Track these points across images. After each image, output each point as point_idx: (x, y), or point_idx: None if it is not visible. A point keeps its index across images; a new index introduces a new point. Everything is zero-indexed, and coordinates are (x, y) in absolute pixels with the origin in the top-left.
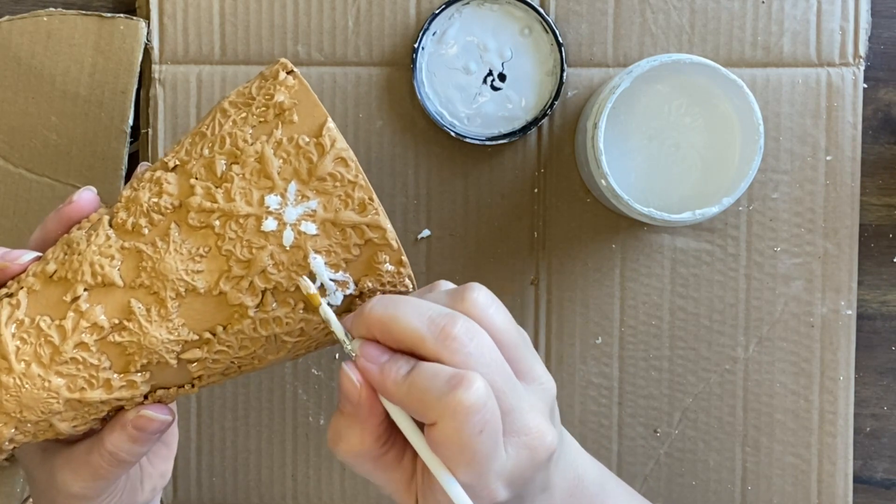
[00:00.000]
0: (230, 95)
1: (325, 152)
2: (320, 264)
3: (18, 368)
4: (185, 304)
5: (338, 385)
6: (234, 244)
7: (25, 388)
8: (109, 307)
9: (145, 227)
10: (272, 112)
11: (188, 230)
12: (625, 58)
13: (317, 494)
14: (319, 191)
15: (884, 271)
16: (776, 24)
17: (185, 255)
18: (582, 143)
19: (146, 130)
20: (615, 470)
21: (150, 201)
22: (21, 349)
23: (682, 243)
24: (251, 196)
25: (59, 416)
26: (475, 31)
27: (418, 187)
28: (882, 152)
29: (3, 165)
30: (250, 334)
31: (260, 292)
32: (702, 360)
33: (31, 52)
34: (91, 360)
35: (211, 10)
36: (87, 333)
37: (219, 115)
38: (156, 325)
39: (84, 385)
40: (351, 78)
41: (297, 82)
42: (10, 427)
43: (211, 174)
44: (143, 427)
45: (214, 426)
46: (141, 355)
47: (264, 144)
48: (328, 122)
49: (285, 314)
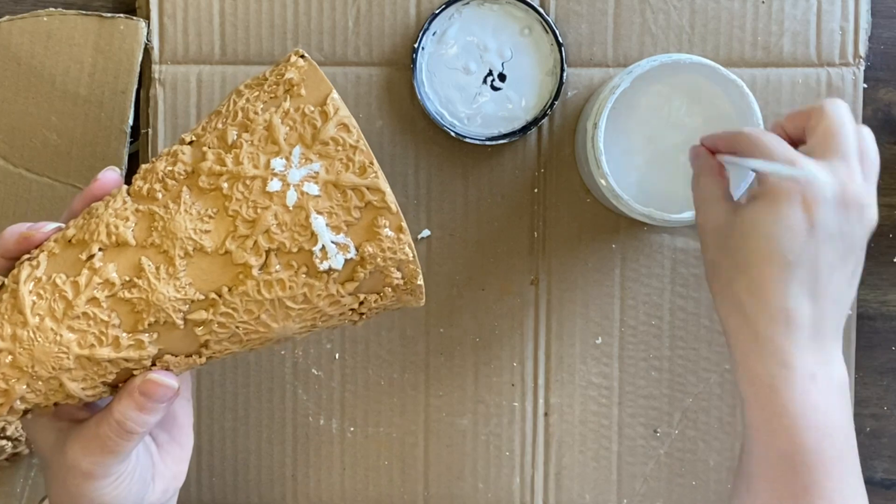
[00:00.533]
0: (247, 80)
1: (328, 118)
2: (321, 224)
3: (33, 322)
4: (193, 264)
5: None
6: (240, 204)
7: (38, 342)
8: (122, 265)
9: (159, 191)
10: (282, 88)
11: (198, 192)
12: (625, 58)
13: (317, 494)
14: (322, 154)
15: (884, 271)
16: (776, 24)
17: (195, 216)
18: (582, 143)
19: (146, 130)
20: (615, 470)
21: (166, 169)
22: (36, 304)
23: (682, 243)
24: (258, 160)
25: (69, 373)
26: (475, 31)
27: (418, 187)
28: (882, 152)
29: (3, 165)
30: (254, 296)
31: (264, 252)
32: (702, 360)
33: (31, 52)
34: (101, 315)
35: (211, 10)
36: (99, 289)
37: (234, 96)
38: (164, 282)
39: (93, 341)
40: (351, 78)
41: (306, 63)
42: (22, 383)
43: (222, 142)
44: (149, 392)
45: (214, 426)
46: (149, 313)
47: (272, 114)
48: (333, 93)
49: (288, 277)
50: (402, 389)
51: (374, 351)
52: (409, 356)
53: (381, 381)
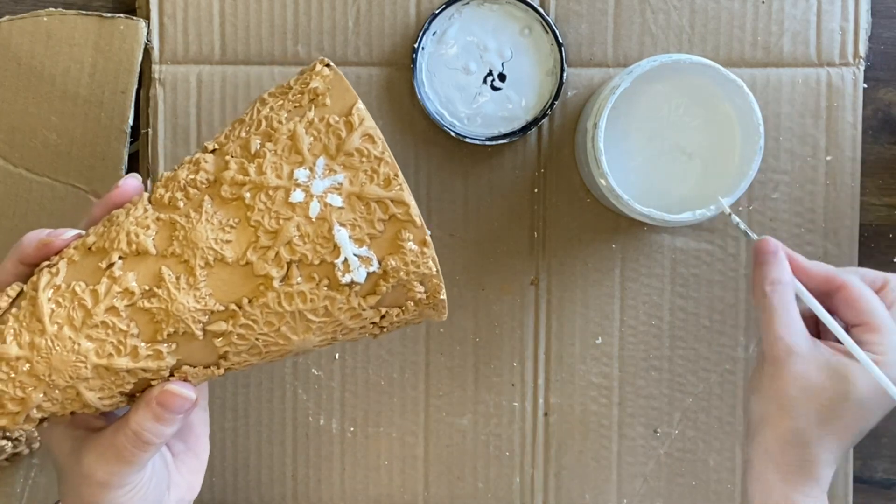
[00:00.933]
0: (271, 88)
1: (353, 129)
2: (345, 237)
3: (51, 330)
4: (213, 274)
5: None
6: (262, 215)
7: (56, 351)
8: (141, 274)
9: (181, 200)
10: (307, 97)
11: (220, 202)
12: (625, 58)
13: (317, 494)
14: (346, 165)
15: (884, 271)
16: (776, 24)
17: (216, 225)
18: (582, 143)
19: (146, 130)
20: (615, 470)
21: (188, 178)
22: (55, 311)
23: (682, 243)
24: (281, 170)
25: (87, 383)
26: (475, 31)
27: (418, 187)
28: (882, 152)
29: (3, 165)
30: (275, 308)
31: (286, 264)
32: (702, 360)
33: (31, 52)
34: (120, 325)
35: (211, 10)
36: (118, 298)
37: (258, 104)
38: (184, 292)
39: (112, 351)
40: (351, 78)
41: (331, 72)
42: (38, 391)
43: (245, 152)
44: (166, 403)
45: (214, 426)
46: (168, 323)
47: (297, 124)
48: (358, 103)
49: (309, 289)
50: (402, 389)
51: (374, 351)
52: (409, 356)
53: (381, 381)
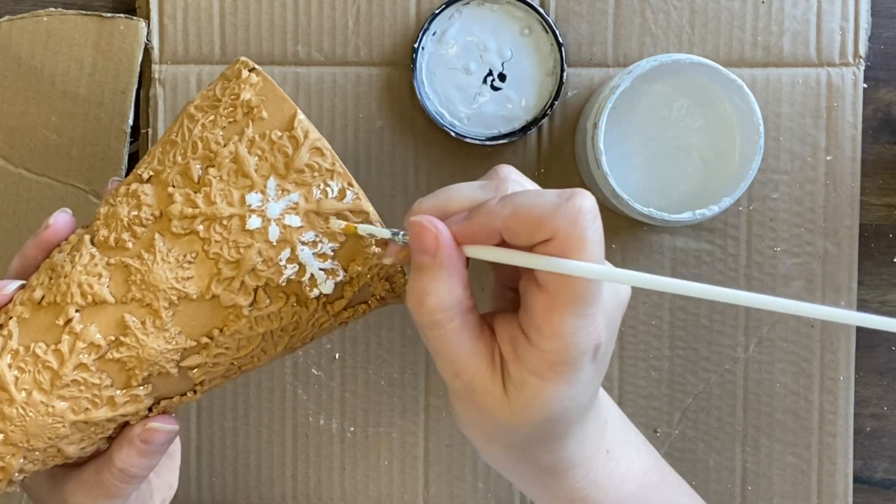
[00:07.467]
0: (195, 100)
1: (299, 144)
2: (308, 255)
3: (20, 398)
4: (180, 312)
5: (410, 243)
6: (220, 246)
7: (30, 417)
8: (104, 325)
9: (129, 240)
10: (240, 111)
11: (173, 238)
12: (625, 58)
13: (317, 494)
14: (299, 182)
15: (884, 271)
16: (776, 24)
17: (174, 263)
18: (582, 143)
19: (146, 130)
20: None
21: (130, 214)
22: (20, 378)
23: (682, 243)
24: (232, 196)
25: (66, 439)
26: (475, 31)
27: (418, 187)
28: (882, 152)
29: (3, 165)
30: (247, 333)
31: (252, 291)
32: (702, 360)
33: (31, 52)
34: (92, 379)
35: (211, 10)
36: (84, 354)
37: (186, 121)
38: (153, 336)
39: (88, 406)
40: (351, 78)
41: (260, 79)
42: (18, 457)
43: (188, 180)
44: (150, 440)
45: (214, 426)
46: (141, 368)
47: (237, 144)
48: (298, 114)
49: (279, 309)
50: (402, 389)
51: (374, 351)
52: (409, 356)
53: (381, 381)
